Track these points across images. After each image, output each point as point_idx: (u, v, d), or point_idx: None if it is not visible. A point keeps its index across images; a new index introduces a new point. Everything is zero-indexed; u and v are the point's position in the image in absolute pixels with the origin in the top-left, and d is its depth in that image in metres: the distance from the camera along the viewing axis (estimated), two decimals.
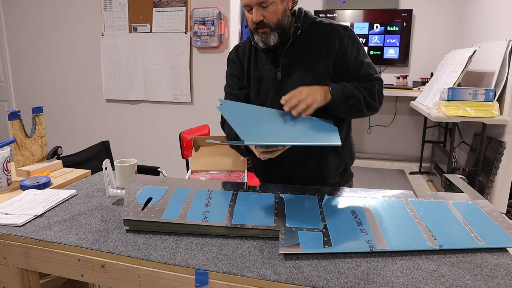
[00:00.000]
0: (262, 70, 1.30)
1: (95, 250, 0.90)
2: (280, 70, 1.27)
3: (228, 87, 1.39)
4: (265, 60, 1.29)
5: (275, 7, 1.18)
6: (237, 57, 1.36)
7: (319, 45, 1.25)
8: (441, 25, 4.17)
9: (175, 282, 0.85)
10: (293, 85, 1.23)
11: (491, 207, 1.08)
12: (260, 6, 1.17)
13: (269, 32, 1.20)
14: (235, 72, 1.37)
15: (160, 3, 3.08)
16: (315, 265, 0.83)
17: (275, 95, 1.27)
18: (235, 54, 1.37)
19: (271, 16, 1.18)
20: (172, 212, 1.00)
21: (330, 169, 1.34)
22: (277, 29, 1.20)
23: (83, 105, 3.52)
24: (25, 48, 3.57)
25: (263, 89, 1.31)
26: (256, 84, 1.32)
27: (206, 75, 3.10)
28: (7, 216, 1.05)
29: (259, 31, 1.21)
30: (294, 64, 1.26)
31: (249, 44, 1.33)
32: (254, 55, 1.32)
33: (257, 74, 1.31)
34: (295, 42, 1.26)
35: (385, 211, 1.04)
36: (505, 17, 2.95)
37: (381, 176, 3.87)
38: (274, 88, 1.28)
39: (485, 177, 2.92)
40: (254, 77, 1.32)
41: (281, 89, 1.26)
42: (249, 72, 1.33)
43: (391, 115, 4.44)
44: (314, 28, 1.26)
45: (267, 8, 1.17)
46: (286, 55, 1.26)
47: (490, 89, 2.75)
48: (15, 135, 1.39)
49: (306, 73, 1.25)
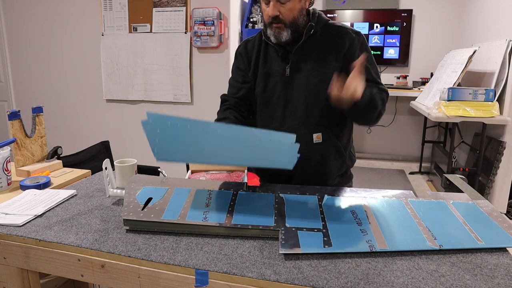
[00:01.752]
0: (271, 65, 1.31)
1: (95, 250, 0.90)
2: (289, 67, 1.27)
3: (232, 79, 1.41)
4: (274, 56, 1.30)
5: (292, 5, 1.18)
6: (246, 51, 1.37)
7: (330, 46, 1.25)
8: (441, 25, 4.17)
9: (175, 282, 0.85)
10: (301, 83, 1.26)
11: (491, 207, 1.08)
12: (278, 1, 1.18)
13: (283, 28, 1.21)
14: (241, 66, 1.38)
15: (160, 3, 3.08)
16: (315, 265, 0.83)
17: (282, 92, 1.29)
18: (244, 48, 1.38)
19: (287, 12, 1.19)
20: (172, 212, 1.00)
21: (332, 171, 1.34)
22: (291, 26, 1.21)
23: (83, 105, 3.52)
24: (25, 48, 3.57)
25: (270, 84, 1.31)
26: (263, 80, 1.32)
27: (206, 75, 3.10)
28: (7, 216, 1.05)
29: (273, 25, 1.22)
30: (303, 62, 1.26)
31: (259, 39, 1.34)
32: (263, 50, 1.32)
33: (265, 69, 1.32)
34: (306, 41, 1.26)
35: (385, 211, 1.04)
36: (505, 17, 2.95)
37: (381, 176, 3.87)
38: (281, 84, 1.29)
39: (485, 177, 2.92)
40: (262, 72, 1.32)
41: (288, 86, 1.27)
42: (256, 67, 1.33)
43: (391, 115, 4.44)
44: (326, 29, 1.27)
45: (285, 5, 1.18)
46: (296, 53, 1.26)
47: (490, 89, 2.76)
48: (15, 135, 1.39)
49: (314, 73, 1.25)
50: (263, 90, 1.32)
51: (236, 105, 1.37)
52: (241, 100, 1.38)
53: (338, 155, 1.33)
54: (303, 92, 1.27)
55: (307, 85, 1.26)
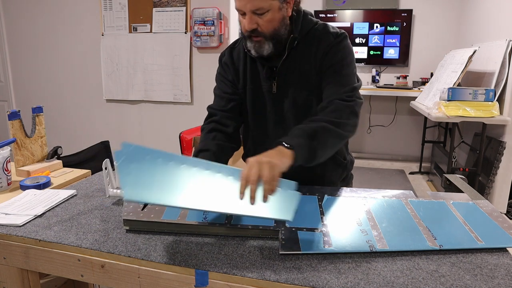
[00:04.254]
0: (258, 81, 1.21)
1: (95, 250, 0.90)
2: (275, 83, 1.18)
3: (218, 89, 1.29)
4: (260, 71, 1.21)
5: (271, 15, 1.06)
6: (231, 60, 1.26)
7: (313, 55, 1.15)
8: (441, 25, 4.17)
9: (175, 282, 0.85)
10: (289, 100, 1.17)
11: (491, 207, 1.08)
12: (254, 13, 1.05)
13: (263, 41, 1.10)
14: (229, 77, 1.27)
15: (160, 3, 3.08)
16: (315, 265, 0.83)
17: (271, 109, 1.22)
18: (229, 57, 1.27)
19: (266, 24, 1.07)
20: (172, 212, 1.00)
21: (334, 180, 1.30)
22: (272, 38, 1.10)
23: (83, 105, 3.52)
24: (25, 48, 3.57)
25: (259, 103, 1.23)
26: (252, 97, 1.24)
27: (206, 75, 3.10)
28: (7, 216, 1.05)
29: (253, 38, 1.11)
30: (289, 77, 1.17)
31: (244, 49, 1.22)
32: (250, 63, 1.22)
33: (252, 85, 1.22)
34: (291, 53, 1.16)
35: (385, 211, 1.04)
36: (505, 17, 2.95)
37: (381, 176, 3.87)
38: (270, 102, 1.21)
39: (485, 177, 2.92)
40: (249, 87, 1.23)
41: (276, 103, 1.20)
42: (245, 80, 1.23)
43: (391, 115, 4.44)
44: (310, 35, 1.16)
45: (263, 16, 1.06)
46: (281, 68, 1.17)
47: (490, 89, 2.76)
48: (15, 135, 1.39)
49: (300, 87, 1.17)
50: (252, 110, 1.25)
51: (222, 121, 1.24)
52: (230, 113, 1.25)
53: (338, 165, 1.28)
54: (292, 109, 1.19)
55: (295, 101, 1.18)
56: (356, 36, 4.35)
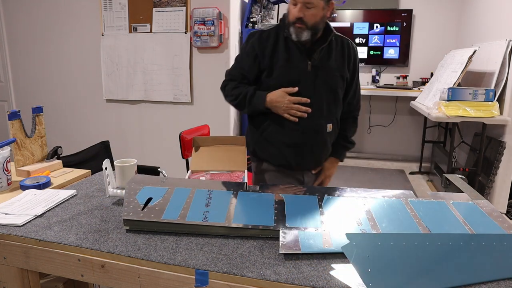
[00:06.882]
0: (293, 60, 1.44)
1: (95, 250, 0.90)
2: (311, 64, 1.43)
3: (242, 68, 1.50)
4: (295, 52, 1.43)
5: (316, 11, 1.35)
6: (260, 40, 1.47)
7: (342, 54, 1.48)
8: (441, 25, 4.17)
9: (175, 282, 0.85)
10: (321, 80, 1.44)
11: (491, 207, 1.08)
12: (305, 6, 1.34)
13: (304, 29, 1.37)
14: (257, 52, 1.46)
15: (160, 3, 3.08)
16: (315, 265, 0.83)
17: (305, 85, 1.44)
18: (259, 38, 1.48)
19: (310, 17, 1.36)
20: (172, 212, 1.00)
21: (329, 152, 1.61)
22: (311, 29, 1.38)
23: (83, 105, 3.52)
24: (25, 48, 3.56)
25: (292, 78, 1.44)
26: (283, 73, 1.44)
27: (206, 75, 3.10)
28: (7, 216, 1.05)
29: (296, 25, 1.37)
30: (324, 62, 1.45)
31: (275, 34, 1.46)
32: (284, 45, 1.45)
33: (286, 63, 1.44)
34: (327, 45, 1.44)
35: (385, 211, 1.04)
36: (505, 17, 2.95)
37: (381, 176, 3.87)
38: (304, 78, 1.44)
39: (485, 177, 2.92)
40: (282, 64, 1.44)
41: (310, 81, 1.44)
42: (272, 58, 1.45)
43: (391, 115, 4.44)
44: (338, 37, 1.49)
45: (310, 9, 1.35)
46: (319, 53, 1.43)
47: (490, 89, 2.76)
48: (15, 135, 1.39)
49: (332, 74, 1.46)
50: (285, 82, 1.43)
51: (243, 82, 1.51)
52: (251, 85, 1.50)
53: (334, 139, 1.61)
54: (323, 87, 1.45)
55: (327, 82, 1.46)
56: (356, 36, 4.35)
